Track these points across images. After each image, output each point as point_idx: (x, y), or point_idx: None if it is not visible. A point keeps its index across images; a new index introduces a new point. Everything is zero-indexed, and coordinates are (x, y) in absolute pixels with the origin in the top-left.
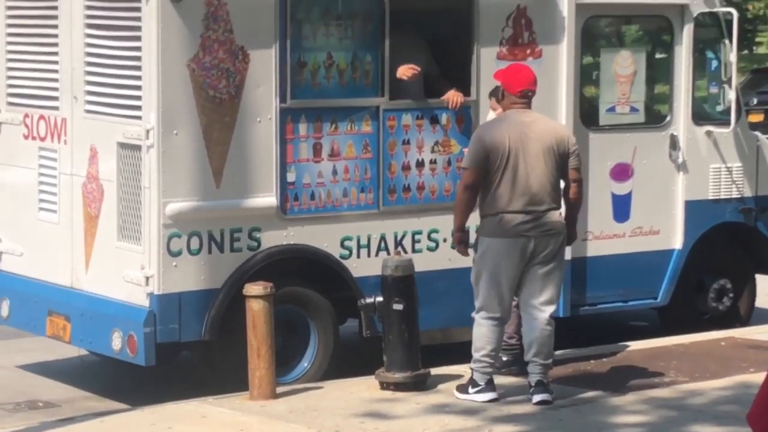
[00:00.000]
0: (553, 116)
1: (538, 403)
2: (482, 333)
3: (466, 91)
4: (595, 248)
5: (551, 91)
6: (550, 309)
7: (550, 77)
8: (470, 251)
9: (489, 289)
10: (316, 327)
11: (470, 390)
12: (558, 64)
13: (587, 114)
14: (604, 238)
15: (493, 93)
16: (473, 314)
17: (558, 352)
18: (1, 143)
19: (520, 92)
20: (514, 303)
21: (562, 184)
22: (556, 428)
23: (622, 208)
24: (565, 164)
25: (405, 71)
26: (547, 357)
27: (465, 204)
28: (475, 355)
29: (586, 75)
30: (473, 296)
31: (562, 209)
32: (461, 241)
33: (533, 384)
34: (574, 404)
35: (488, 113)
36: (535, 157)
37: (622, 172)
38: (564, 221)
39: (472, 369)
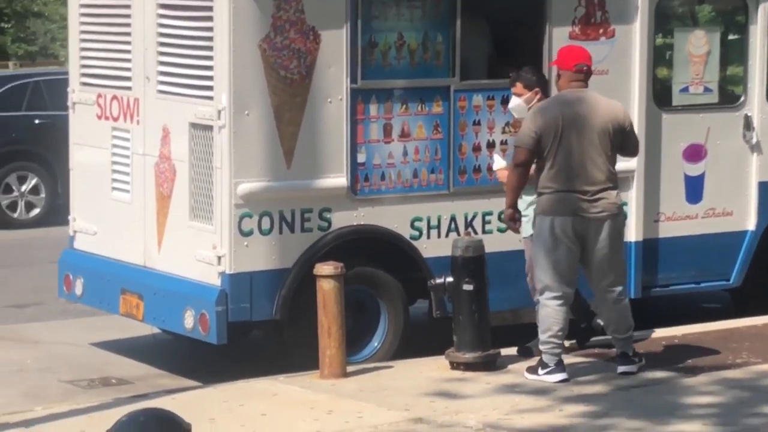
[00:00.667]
0: (626, 97)
1: (621, 373)
2: (548, 313)
3: (538, 68)
4: (667, 229)
5: (624, 72)
6: (619, 287)
7: (623, 57)
8: (522, 229)
9: (549, 269)
10: (386, 307)
11: (540, 371)
12: (631, 43)
13: (660, 94)
14: (676, 219)
15: (517, 78)
16: (536, 297)
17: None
18: (74, 123)
19: (575, 66)
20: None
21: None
22: (628, 408)
23: (694, 189)
24: (622, 142)
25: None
26: (626, 331)
27: (516, 182)
28: (543, 336)
29: (660, 55)
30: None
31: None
32: (512, 218)
33: (617, 355)
34: (646, 385)
35: (511, 100)
36: (590, 137)
37: (695, 153)
38: (620, 201)
39: (541, 351)
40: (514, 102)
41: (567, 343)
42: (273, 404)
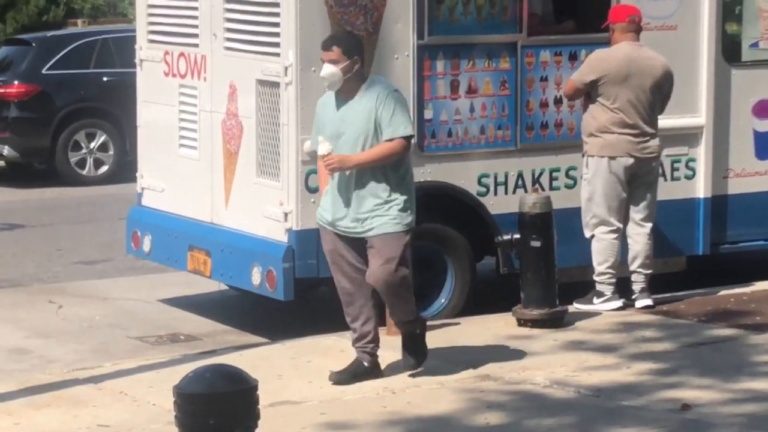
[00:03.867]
0: (694, 52)
1: (644, 307)
2: (604, 246)
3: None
4: (736, 186)
5: (693, 27)
6: (650, 224)
7: (692, 12)
8: (583, 172)
9: (605, 205)
10: (453, 264)
11: (595, 300)
12: None
13: (729, 50)
14: (745, 175)
15: (334, 42)
16: (590, 231)
17: (698, 290)
18: (142, 81)
19: (628, 17)
20: None
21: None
22: (696, 366)
23: (764, 145)
24: (664, 98)
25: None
26: (649, 267)
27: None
28: (599, 268)
29: (729, 10)
30: (583, 215)
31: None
32: None
33: (638, 291)
34: (714, 342)
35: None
36: (643, 88)
37: (764, 109)
38: (661, 146)
39: (596, 282)
40: (328, 70)
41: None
42: (341, 360)
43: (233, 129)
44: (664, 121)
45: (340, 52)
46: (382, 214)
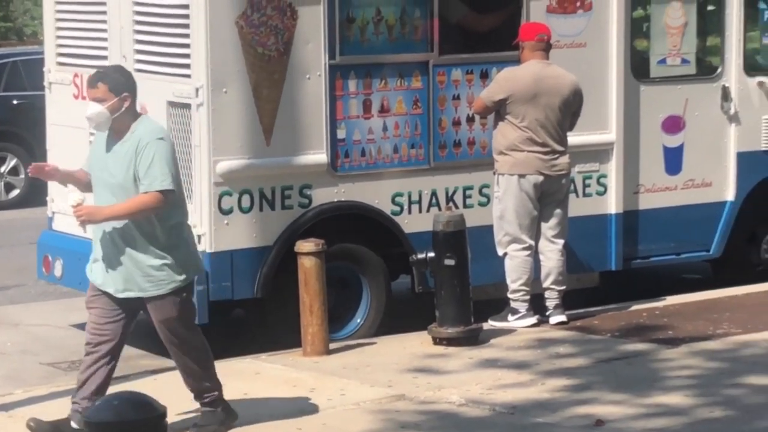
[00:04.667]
0: (604, 69)
1: (557, 323)
2: (517, 264)
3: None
4: (647, 201)
5: (602, 44)
6: (563, 240)
7: (601, 29)
8: (494, 190)
9: (516, 222)
10: (369, 283)
11: (510, 318)
12: (608, 16)
13: (638, 66)
14: (656, 191)
15: (100, 79)
16: (503, 249)
17: (611, 305)
18: (51, 103)
19: (537, 36)
20: None
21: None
22: (609, 381)
23: (673, 160)
24: (574, 115)
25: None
26: (562, 283)
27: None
28: (513, 285)
29: (637, 27)
30: (495, 233)
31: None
32: None
33: (552, 307)
34: (627, 356)
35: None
36: (552, 106)
37: (673, 125)
38: (570, 163)
39: (510, 299)
40: (93, 109)
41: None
42: (255, 383)
43: None
44: (576, 138)
45: (106, 90)
46: (150, 273)
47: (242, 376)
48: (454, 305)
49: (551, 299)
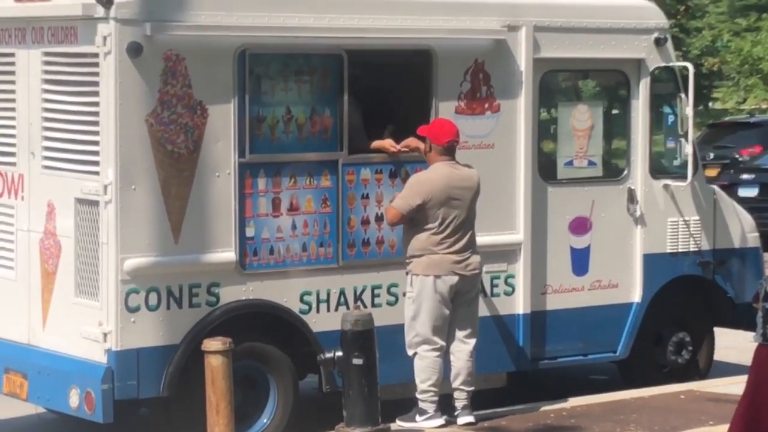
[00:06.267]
0: (511, 170)
1: (466, 424)
2: (427, 364)
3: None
4: (554, 302)
5: (510, 145)
6: (474, 340)
7: (509, 131)
8: (407, 290)
9: (429, 323)
10: (276, 382)
11: (418, 418)
12: (516, 117)
13: (545, 167)
14: (563, 291)
15: None
16: (413, 350)
17: (518, 406)
18: None
19: (447, 142)
20: None
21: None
22: None
23: (580, 261)
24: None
25: (385, 145)
26: (471, 384)
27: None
28: (422, 386)
29: (544, 129)
30: (406, 333)
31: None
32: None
33: (460, 408)
34: None
35: None
36: (465, 206)
37: (580, 226)
38: (482, 262)
39: (419, 399)
40: None
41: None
42: None
43: (51, 248)
44: (484, 238)
45: None
46: None
47: None
48: (361, 405)
49: (460, 399)
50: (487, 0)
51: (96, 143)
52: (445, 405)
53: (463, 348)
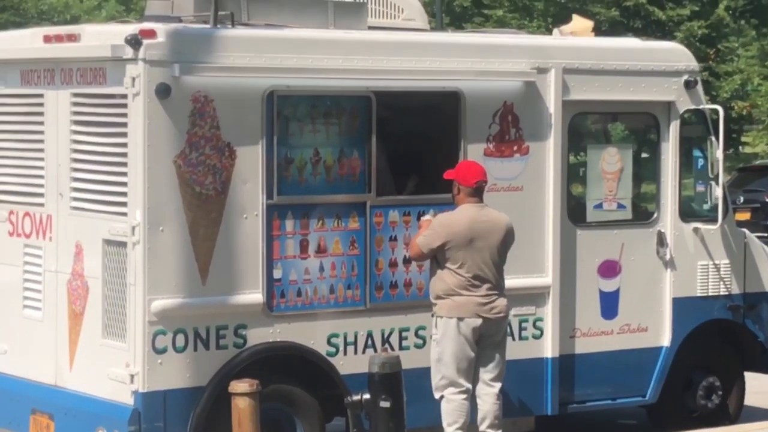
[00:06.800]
0: (540, 213)
1: None
2: (454, 407)
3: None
4: (582, 345)
5: (538, 188)
6: (500, 384)
7: (537, 174)
8: (432, 333)
9: (454, 366)
10: (303, 425)
11: None
12: (545, 160)
13: (574, 210)
14: (591, 335)
15: None
16: (440, 392)
17: None
18: None
19: (475, 183)
20: None
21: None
22: None
23: (609, 305)
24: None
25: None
26: (498, 427)
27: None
28: (449, 429)
29: (573, 171)
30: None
31: None
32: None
33: None
34: None
35: None
36: (492, 248)
37: (609, 269)
38: (509, 305)
39: None
40: None
41: None
42: None
43: (79, 289)
44: (512, 281)
45: None
46: None
47: None
48: None
49: None
50: (517, 42)
51: (124, 184)
52: None
53: (488, 391)
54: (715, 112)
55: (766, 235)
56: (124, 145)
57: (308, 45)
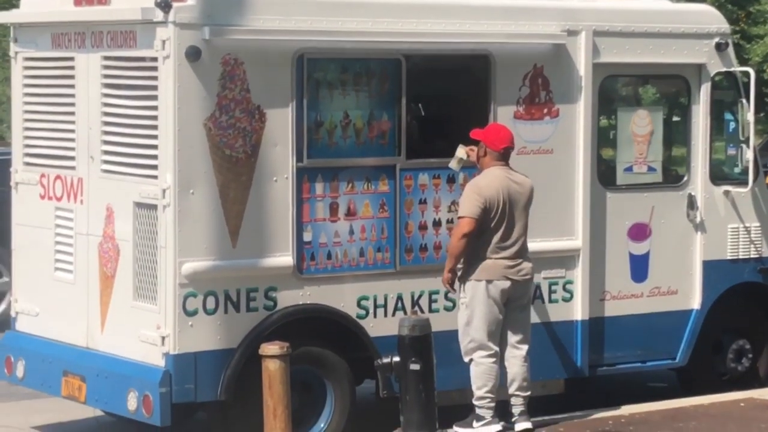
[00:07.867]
0: (570, 176)
1: (523, 430)
2: (483, 370)
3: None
4: (612, 308)
5: (569, 151)
6: (526, 346)
7: (568, 136)
8: (461, 296)
9: (484, 328)
10: (333, 387)
11: (475, 424)
12: (575, 123)
13: (604, 174)
14: (621, 298)
15: None
16: (469, 356)
17: (576, 413)
18: (17, 204)
19: (503, 149)
20: None
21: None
22: None
23: (639, 268)
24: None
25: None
26: (527, 389)
27: (461, 250)
28: (478, 392)
29: (604, 134)
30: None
31: None
32: (452, 282)
33: (517, 414)
34: None
35: None
36: (519, 211)
37: (639, 232)
38: (534, 267)
39: (475, 406)
40: None
41: None
42: None
43: (110, 252)
44: (542, 244)
45: None
46: None
47: None
48: (419, 411)
49: (516, 405)
50: (547, 5)
51: (155, 147)
52: (503, 411)
53: (516, 353)
54: (746, 74)
55: None
56: (155, 108)
57: (338, 7)
